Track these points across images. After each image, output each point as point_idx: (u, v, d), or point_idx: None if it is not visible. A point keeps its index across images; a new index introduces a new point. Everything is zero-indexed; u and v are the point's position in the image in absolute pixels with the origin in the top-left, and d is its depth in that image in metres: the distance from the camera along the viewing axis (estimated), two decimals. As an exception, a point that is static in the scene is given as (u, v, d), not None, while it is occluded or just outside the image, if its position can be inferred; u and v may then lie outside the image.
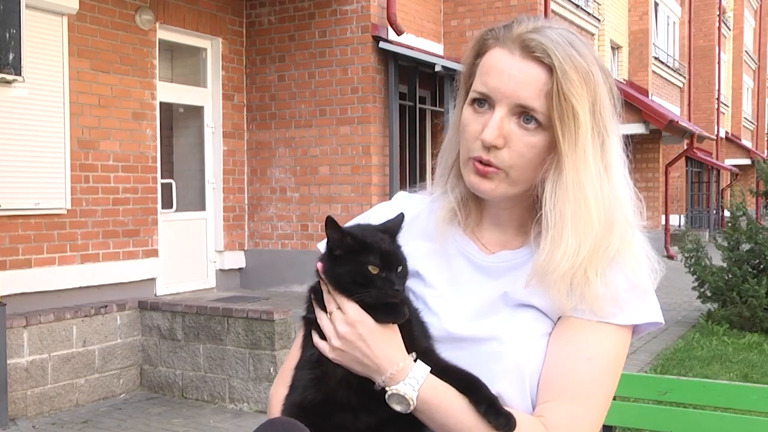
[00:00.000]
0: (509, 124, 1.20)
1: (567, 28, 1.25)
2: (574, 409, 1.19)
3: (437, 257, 1.34)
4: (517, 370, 1.21)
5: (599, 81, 1.20)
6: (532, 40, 1.19)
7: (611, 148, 1.23)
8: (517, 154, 1.21)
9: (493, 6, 9.44)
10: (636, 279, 1.23)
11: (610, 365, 1.23)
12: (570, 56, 1.17)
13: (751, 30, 33.28)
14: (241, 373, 5.70)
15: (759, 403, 1.97)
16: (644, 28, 17.13)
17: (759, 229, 8.21)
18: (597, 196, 1.19)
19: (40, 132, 6.15)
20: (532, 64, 1.18)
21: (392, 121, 7.80)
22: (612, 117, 1.23)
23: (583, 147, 1.18)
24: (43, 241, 6.16)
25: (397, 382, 1.16)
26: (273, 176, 8.30)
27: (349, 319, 1.19)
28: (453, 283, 1.31)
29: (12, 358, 5.30)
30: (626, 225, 1.24)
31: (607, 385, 1.23)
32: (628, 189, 1.26)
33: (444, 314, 1.28)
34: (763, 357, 6.84)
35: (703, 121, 22.70)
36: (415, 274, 1.32)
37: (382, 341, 1.18)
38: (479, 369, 1.21)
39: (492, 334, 1.23)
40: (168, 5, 7.32)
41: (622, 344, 1.24)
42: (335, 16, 7.92)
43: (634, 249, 1.25)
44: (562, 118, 1.17)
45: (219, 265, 8.07)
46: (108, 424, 5.37)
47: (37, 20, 5.95)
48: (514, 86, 1.19)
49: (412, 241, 1.35)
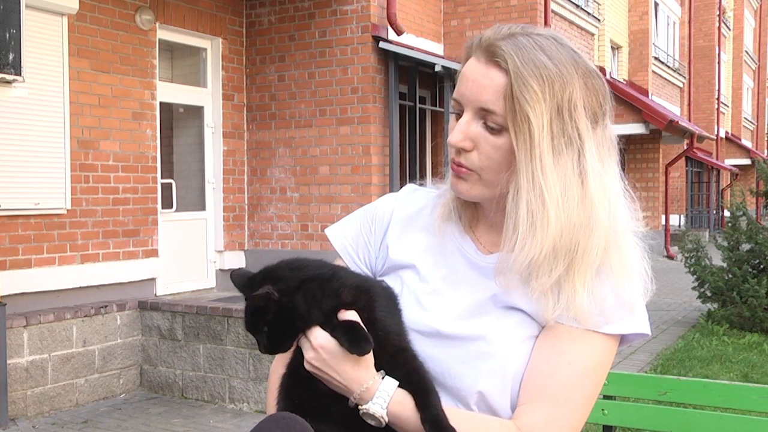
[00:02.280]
0: (476, 127, 1.23)
1: (553, 34, 1.25)
2: (551, 413, 1.20)
3: (435, 253, 1.35)
4: (502, 371, 1.23)
5: (572, 85, 1.20)
6: (496, 46, 1.21)
7: (589, 153, 1.21)
8: (485, 156, 1.23)
9: (493, 6, 9.43)
10: (625, 294, 1.24)
11: (590, 372, 1.24)
12: (533, 61, 1.18)
13: (751, 30, 33.29)
14: (241, 373, 5.70)
15: (759, 403, 1.97)
16: (644, 28, 17.13)
17: (759, 229, 8.21)
18: (557, 201, 1.19)
19: (40, 132, 6.15)
20: (493, 69, 1.21)
21: (392, 121, 7.80)
22: (592, 122, 1.22)
23: (539, 150, 1.18)
24: (43, 241, 6.16)
25: (366, 401, 1.20)
26: (273, 176, 8.30)
27: (314, 345, 1.22)
28: (448, 279, 1.32)
29: (12, 358, 5.30)
30: (612, 232, 1.23)
31: (587, 392, 1.24)
32: (616, 194, 1.25)
33: (434, 310, 1.29)
34: (763, 357, 6.84)
35: (703, 121, 22.71)
36: (411, 267, 1.35)
37: (346, 364, 1.20)
38: (465, 367, 1.24)
39: (479, 333, 1.25)
40: (168, 5, 7.32)
41: (605, 352, 1.25)
42: (335, 16, 7.92)
43: (627, 262, 1.25)
44: (515, 121, 1.19)
45: (219, 265, 8.07)
46: (108, 424, 5.37)
47: (37, 20, 5.96)
48: (475, 90, 1.22)
49: (413, 234, 1.38)
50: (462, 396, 1.25)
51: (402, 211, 1.43)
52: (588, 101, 1.22)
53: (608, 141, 1.26)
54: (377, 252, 1.43)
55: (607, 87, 1.27)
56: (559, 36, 1.26)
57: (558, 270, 1.20)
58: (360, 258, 1.43)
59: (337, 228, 1.48)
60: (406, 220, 1.42)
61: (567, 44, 1.24)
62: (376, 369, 1.23)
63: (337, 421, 1.23)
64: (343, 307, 1.22)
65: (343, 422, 1.23)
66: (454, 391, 1.25)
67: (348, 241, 1.45)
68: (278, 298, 1.21)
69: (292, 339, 1.24)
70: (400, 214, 1.43)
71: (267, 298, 1.21)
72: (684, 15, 20.82)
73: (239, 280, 1.29)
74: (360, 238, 1.44)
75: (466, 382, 1.24)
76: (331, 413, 1.24)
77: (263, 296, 1.21)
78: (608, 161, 1.25)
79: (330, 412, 1.24)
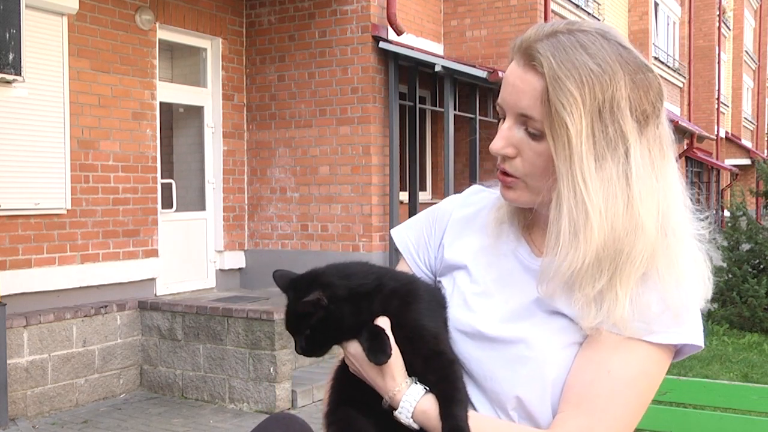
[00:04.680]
0: (518, 133, 1.20)
1: (601, 28, 1.19)
2: (587, 423, 1.17)
3: (489, 254, 1.34)
4: (541, 376, 1.21)
5: (616, 83, 1.14)
6: (534, 48, 1.17)
7: (635, 155, 1.15)
8: (528, 162, 1.20)
9: (493, 6, 9.43)
10: (671, 301, 1.18)
11: (633, 382, 1.19)
12: (572, 61, 1.13)
13: (751, 30, 33.28)
14: (241, 373, 5.70)
15: (759, 403, 1.97)
16: (644, 28, 17.13)
17: (759, 229, 8.21)
18: (600, 210, 1.14)
19: (40, 132, 6.15)
20: (530, 73, 1.17)
21: (392, 121, 7.80)
22: (641, 121, 1.16)
23: (579, 157, 1.13)
24: (43, 241, 6.15)
25: (395, 407, 1.23)
26: (273, 176, 8.30)
27: (348, 353, 1.28)
28: (500, 282, 1.31)
29: (12, 358, 5.30)
30: (662, 237, 1.18)
31: (629, 403, 1.19)
32: (672, 196, 1.19)
33: (480, 312, 1.28)
34: (763, 357, 6.84)
35: (703, 121, 22.70)
36: (463, 268, 1.34)
37: (375, 373, 1.25)
38: (504, 371, 1.23)
39: (521, 337, 1.23)
40: (168, 5, 7.32)
41: (651, 362, 1.20)
42: (335, 16, 7.92)
43: (677, 269, 1.19)
44: (552, 127, 1.15)
45: (219, 265, 8.07)
46: (108, 424, 5.37)
47: (37, 20, 5.95)
48: (515, 96, 1.19)
49: (469, 236, 1.38)
50: (500, 400, 1.23)
51: (461, 212, 1.42)
52: (636, 99, 1.16)
53: (661, 140, 1.20)
54: (436, 252, 1.42)
55: (659, 82, 1.20)
56: (608, 30, 1.20)
57: (602, 280, 1.16)
58: (421, 259, 1.43)
59: (401, 229, 1.48)
60: (464, 221, 1.41)
61: (615, 38, 1.18)
62: (409, 372, 1.24)
63: (379, 418, 1.26)
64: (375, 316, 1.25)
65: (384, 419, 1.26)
66: (494, 395, 1.24)
67: (411, 241, 1.45)
68: (327, 305, 1.23)
69: (331, 345, 1.27)
70: (458, 214, 1.42)
71: (317, 304, 1.22)
72: (684, 15, 20.82)
73: (282, 281, 1.30)
74: (421, 239, 1.44)
75: (504, 386, 1.23)
76: (375, 410, 1.27)
77: (314, 302, 1.22)
78: (660, 162, 1.19)
79: (374, 409, 1.27)
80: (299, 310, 1.24)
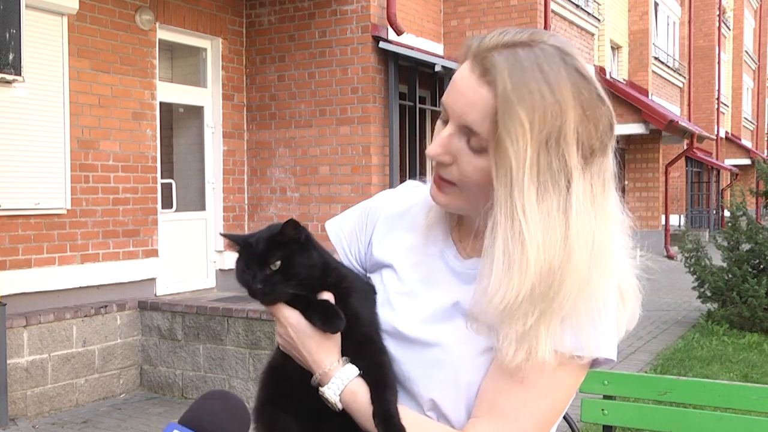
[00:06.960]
0: (459, 143, 1.15)
1: (561, 45, 1.13)
2: (496, 429, 1.15)
3: (417, 254, 1.31)
4: (455, 380, 1.19)
5: (566, 114, 1.08)
6: (491, 60, 1.10)
7: (576, 191, 1.10)
8: (465, 174, 1.15)
9: (493, 6, 9.43)
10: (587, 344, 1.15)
11: (546, 392, 1.16)
12: (527, 84, 1.07)
13: (751, 30, 33.30)
14: (241, 373, 5.70)
15: (759, 403, 1.97)
16: (644, 28, 17.15)
17: (759, 229, 8.21)
18: (538, 245, 1.09)
19: (40, 132, 6.15)
20: (484, 87, 1.10)
21: (392, 121, 7.80)
22: (586, 156, 1.11)
23: (519, 188, 1.08)
24: (43, 241, 6.16)
25: (324, 384, 1.21)
26: (273, 176, 8.30)
27: (287, 322, 1.24)
28: (425, 282, 1.28)
29: (12, 358, 5.30)
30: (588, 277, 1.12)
31: (540, 412, 1.16)
32: (606, 233, 1.14)
33: (402, 312, 1.27)
34: (763, 357, 6.84)
35: (703, 121, 22.73)
36: (391, 266, 1.32)
37: (311, 345, 1.22)
38: (420, 372, 1.22)
39: (438, 340, 1.22)
40: (168, 5, 7.32)
41: (566, 374, 1.17)
42: (335, 16, 7.92)
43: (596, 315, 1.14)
44: (496, 150, 1.09)
45: (219, 265, 8.07)
46: (108, 424, 5.37)
47: (37, 20, 5.96)
48: (463, 106, 1.13)
49: (398, 233, 1.35)
50: (417, 401, 1.23)
51: (392, 208, 1.39)
52: (584, 133, 1.10)
53: (604, 173, 1.15)
54: (366, 248, 1.39)
55: (612, 115, 1.14)
56: (567, 48, 1.14)
57: (534, 316, 1.11)
58: (352, 253, 1.40)
59: (335, 221, 1.45)
60: (393, 218, 1.38)
61: (573, 64, 1.12)
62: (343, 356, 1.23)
63: (303, 414, 1.26)
64: (326, 288, 1.24)
65: (308, 415, 1.25)
66: (412, 395, 1.23)
67: (344, 235, 1.42)
68: (306, 238, 1.23)
69: (290, 291, 1.22)
70: (389, 210, 1.39)
71: (297, 226, 1.21)
72: (684, 15, 20.83)
73: (238, 236, 1.28)
74: (353, 234, 1.41)
75: (421, 387, 1.22)
76: (301, 408, 1.26)
77: (295, 224, 1.21)
78: (600, 198, 1.14)
79: (299, 406, 1.26)
80: (275, 232, 1.22)
